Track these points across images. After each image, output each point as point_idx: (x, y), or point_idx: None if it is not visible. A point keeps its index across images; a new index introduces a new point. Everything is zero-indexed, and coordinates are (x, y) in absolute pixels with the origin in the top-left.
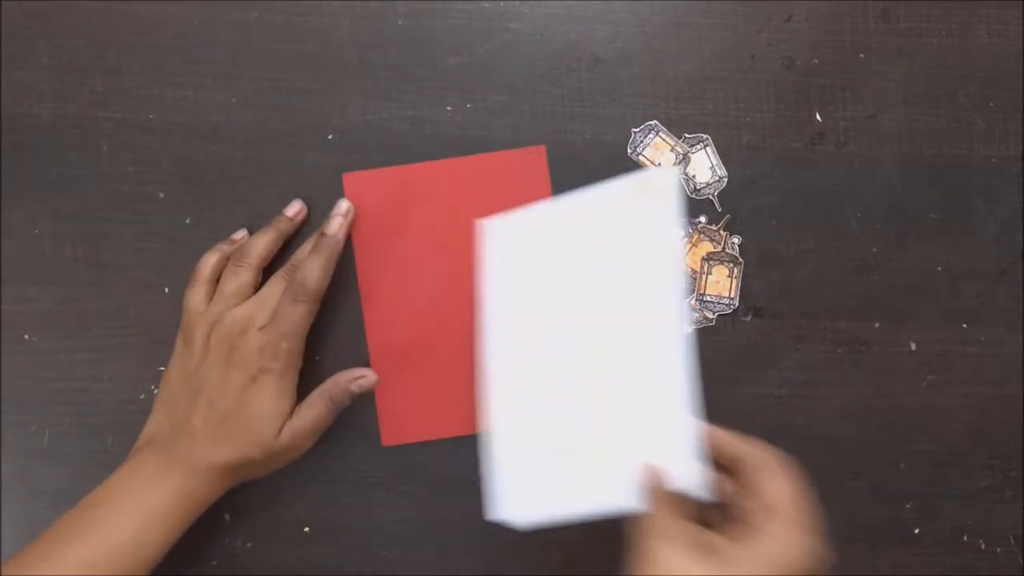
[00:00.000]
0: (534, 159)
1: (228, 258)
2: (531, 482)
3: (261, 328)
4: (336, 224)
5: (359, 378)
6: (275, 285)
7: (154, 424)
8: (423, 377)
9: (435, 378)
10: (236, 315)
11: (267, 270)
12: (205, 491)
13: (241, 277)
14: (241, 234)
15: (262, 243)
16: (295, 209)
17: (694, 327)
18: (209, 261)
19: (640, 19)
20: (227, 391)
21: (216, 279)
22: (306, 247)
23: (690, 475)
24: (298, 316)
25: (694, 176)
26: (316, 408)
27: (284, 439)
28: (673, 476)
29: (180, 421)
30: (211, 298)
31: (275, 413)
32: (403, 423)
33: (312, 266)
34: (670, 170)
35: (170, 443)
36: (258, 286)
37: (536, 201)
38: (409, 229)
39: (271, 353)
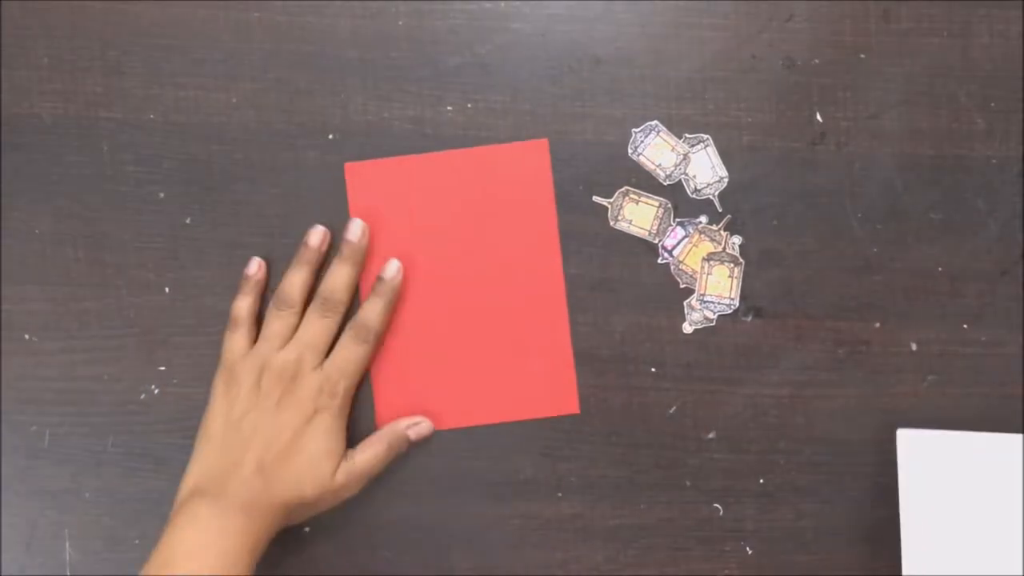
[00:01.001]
0: (537, 152)
1: (259, 297)
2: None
3: (314, 368)
4: (393, 268)
5: (416, 424)
6: (315, 321)
7: (197, 472)
8: (423, 369)
9: (435, 370)
10: (286, 357)
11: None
12: (262, 532)
13: (286, 320)
14: (254, 266)
15: (299, 283)
16: (319, 238)
17: (694, 327)
18: (244, 303)
19: (641, 19)
20: (282, 432)
21: (255, 320)
22: (332, 278)
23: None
24: (360, 356)
25: (695, 176)
26: (374, 450)
27: (340, 479)
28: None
29: (230, 466)
30: (251, 341)
31: (330, 451)
32: (403, 417)
33: (373, 308)
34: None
35: (220, 489)
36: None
37: (538, 194)
38: (410, 220)
39: (329, 392)
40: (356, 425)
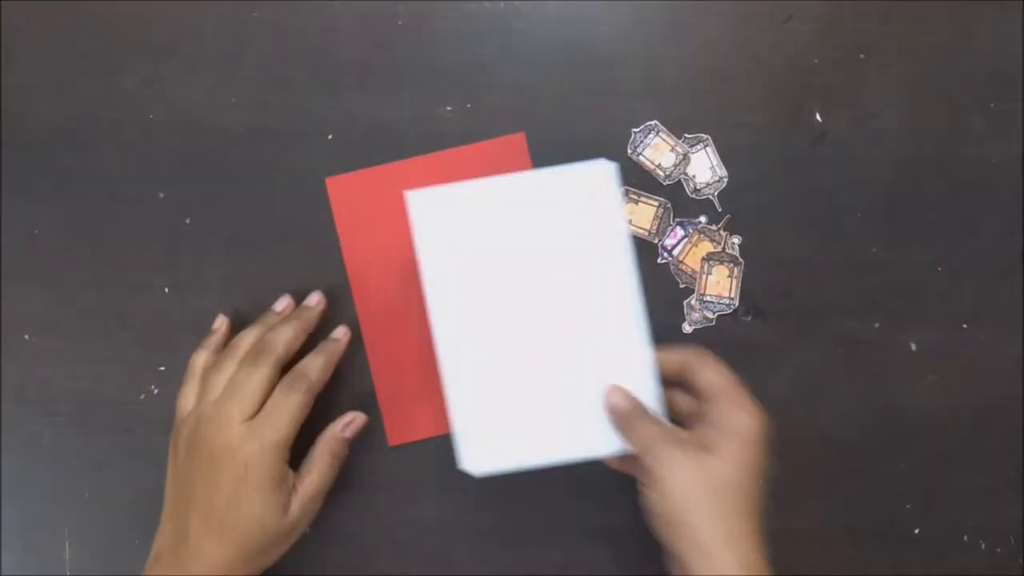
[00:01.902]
0: (515, 146)
1: (216, 354)
2: (494, 430)
3: (243, 422)
4: (341, 331)
5: (349, 423)
6: (245, 372)
7: (161, 538)
8: (423, 374)
9: (435, 373)
10: (215, 411)
11: None
12: None
13: (225, 372)
14: (219, 321)
15: (248, 339)
16: (283, 304)
17: (694, 327)
18: (200, 359)
19: (640, 19)
20: (218, 494)
21: (204, 376)
22: (274, 332)
23: (650, 400)
24: (293, 405)
25: (694, 176)
26: (319, 469)
27: (294, 514)
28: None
29: (181, 531)
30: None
31: (271, 505)
32: (407, 422)
33: (314, 361)
34: (607, 165)
35: (174, 559)
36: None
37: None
38: (397, 226)
39: (257, 448)
40: (368, 438)
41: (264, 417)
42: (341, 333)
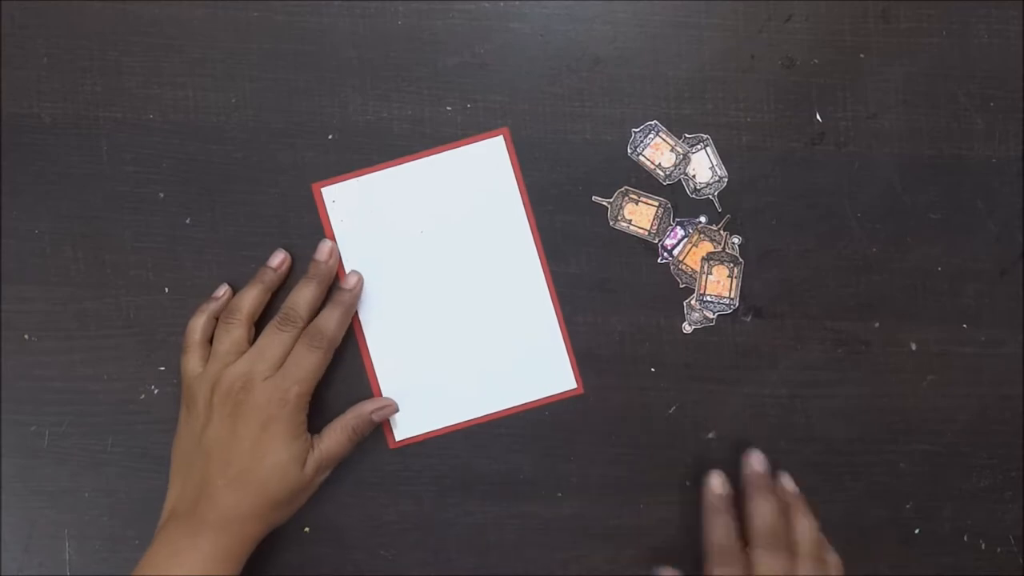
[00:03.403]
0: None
1: (216, 318)
2: (418, 397)
3: (265, 379)
4: (353, 279)
5: (381, 408)
6: (270, 335)
7: (173, 494)
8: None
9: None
10: (235, 370)
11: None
12: (238, 545)
13: (233, 333)
14: (223, 290)
15: (250, 297)
16: (279, 259)
17: (694, 327)
18: (198, 324)
19: (640, 19)
20: (239, 445)
21: (208, 340)
22: (296, 294)
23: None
24: (312, 361)
25: (694, 176)
26: (338, 438)
27: (309, 472)
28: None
29: (199, 484)
30: (205, 361)
31: (291, 456)
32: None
33: (330, 316)
34: (498, 138)
35: (193, 508)
36: (251, 340)
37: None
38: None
39: (280, 399)
40: (368, 438)
41: (285, 371)
42: (353, 281)
